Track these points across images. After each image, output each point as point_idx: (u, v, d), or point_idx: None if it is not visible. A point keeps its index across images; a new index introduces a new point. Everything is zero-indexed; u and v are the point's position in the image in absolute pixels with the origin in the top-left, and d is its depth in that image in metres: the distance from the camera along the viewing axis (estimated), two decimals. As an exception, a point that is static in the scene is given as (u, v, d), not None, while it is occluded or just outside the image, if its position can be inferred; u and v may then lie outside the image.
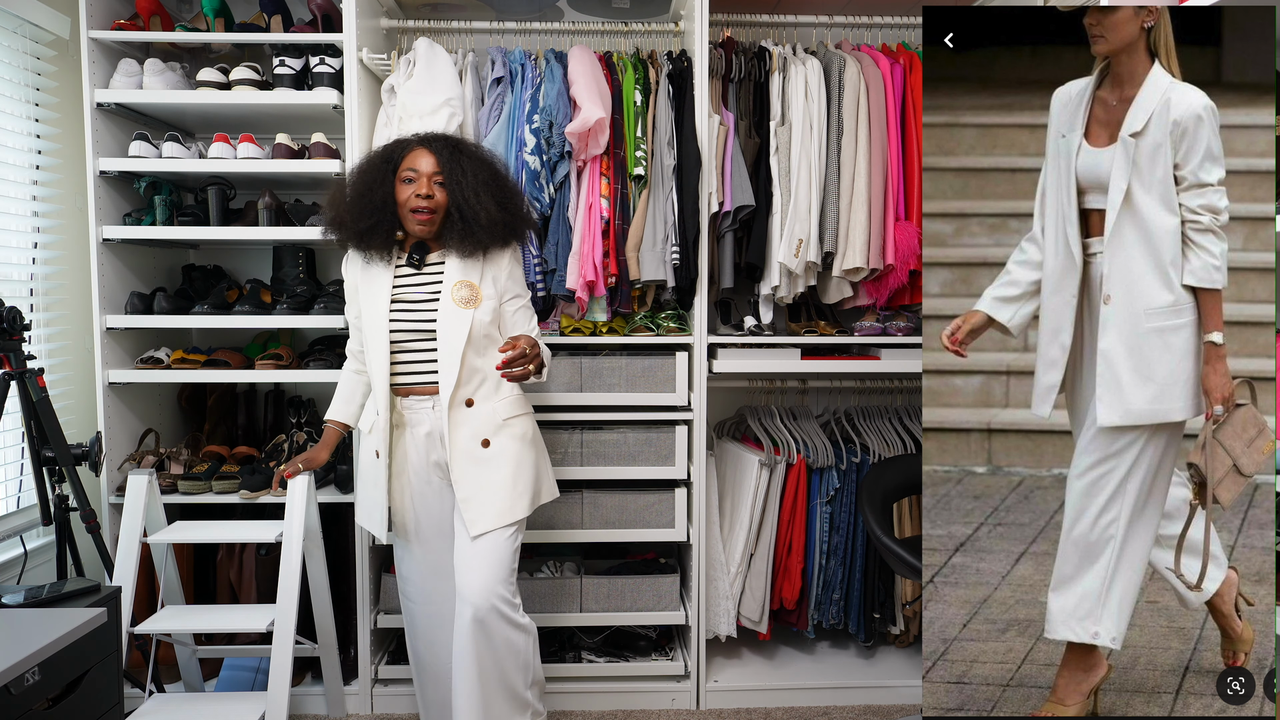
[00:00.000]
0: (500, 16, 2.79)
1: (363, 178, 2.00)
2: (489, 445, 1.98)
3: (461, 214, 1.95)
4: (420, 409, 2.00)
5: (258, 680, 2.52)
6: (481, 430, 1.98)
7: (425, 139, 2.02)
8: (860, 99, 2.54)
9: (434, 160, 1.97)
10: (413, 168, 1.96)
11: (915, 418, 2.82)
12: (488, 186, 1.97)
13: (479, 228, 1.95)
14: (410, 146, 2.01)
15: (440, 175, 1.97)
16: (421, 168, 1.96)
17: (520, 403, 2.06)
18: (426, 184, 1.95)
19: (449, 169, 1.96)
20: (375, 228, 1.96)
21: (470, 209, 1.94)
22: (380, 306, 1.98)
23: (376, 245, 1.98)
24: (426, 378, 1.98)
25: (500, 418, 2.00)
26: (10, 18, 2.41)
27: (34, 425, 2.17)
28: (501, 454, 1.99)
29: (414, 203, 1.95)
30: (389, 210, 1.97)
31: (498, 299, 2.01)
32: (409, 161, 1.98)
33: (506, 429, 2.01)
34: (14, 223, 2.47)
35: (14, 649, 1.40)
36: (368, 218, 1.96)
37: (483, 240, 1.97)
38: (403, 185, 1.97)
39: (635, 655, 2.65)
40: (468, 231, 1.95)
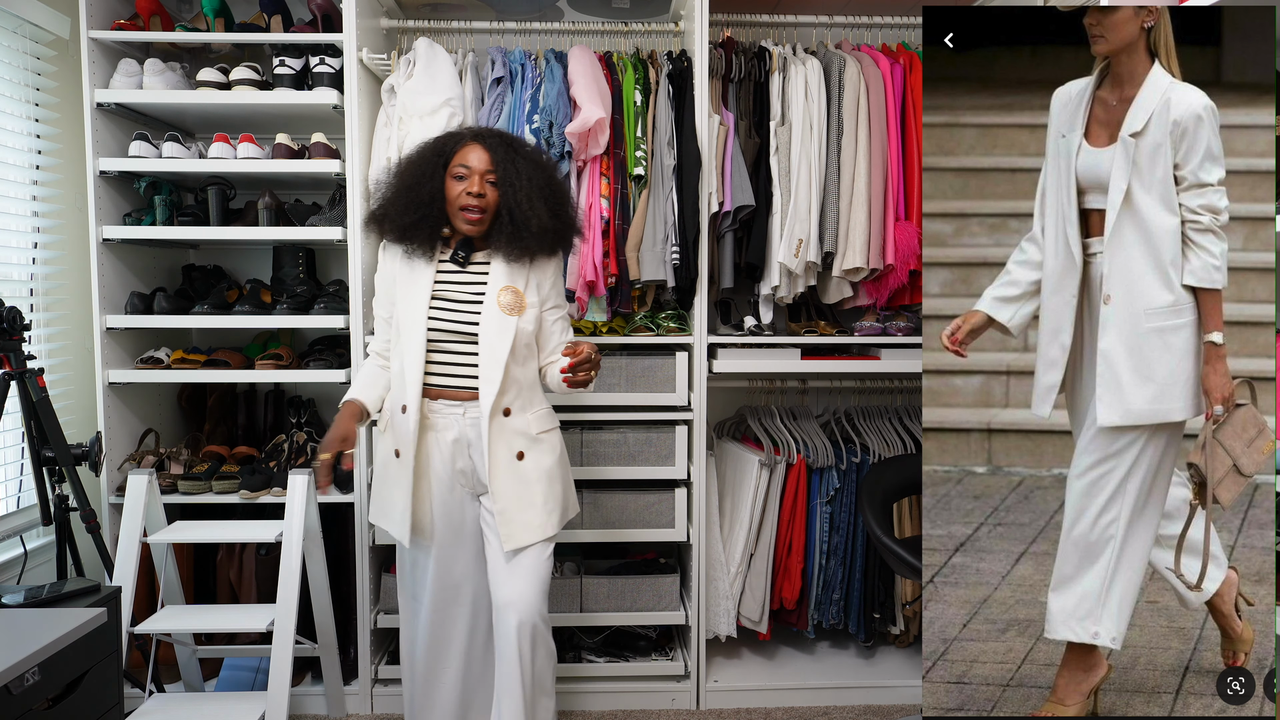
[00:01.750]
0: (500, 16, 2.79)
1: (411, 170, 1.92)
2: (523, 458, 1.92)
3: (512, 217, 1.87)
4: (450, 414, 1.91)
5: (258, 680, 2.52)
6: (516, 443, 1.91)
7: (480, 134, 1.94)
8: (860, 99, 2.54)
9: (488, 157, 1.89)
10: (465, 163, 1.88)
11: (915, 418, 2.82)
12: (541, 191, 1.89)
13: (529, 234, 1.87)
14: (463, 141, 1.92)
15: (493, 174, 1.88)
16: (474, 164, 1.88)
17: (551, 416, 2.01)
18: (479, 182, 1.87)
19: (503, 168, 1.88)
20: (420, 223, 1.88)
21: (522, 214, 1.86)
22: (420, 303, 1.89)
23: (420, 241, 1.90)
24: (462, 382, 1.90)
25: (534, 431, 1.94)
26: (10, 18, 2.41)
27: (34, 425, 2.18)
28: (536, 468, 1.93)
29: (464, 200, 1.87)
30: (437, 205, 1.88)
31: (539, 307, 1.95)
32: (461, 156, 1.89)
33: (540, 443, 1.94)
34: (14, 223, 2.47)
35: (14, 649, 1.40)
36: (413, 212, 1.88)
37: (530, 247, 1.89)
38: (453, 181, 1.88)
39: (635, 655, 2.65)
40: (516, 236, 1.88)
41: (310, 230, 2.52)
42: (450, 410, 1.91)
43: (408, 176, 1.92)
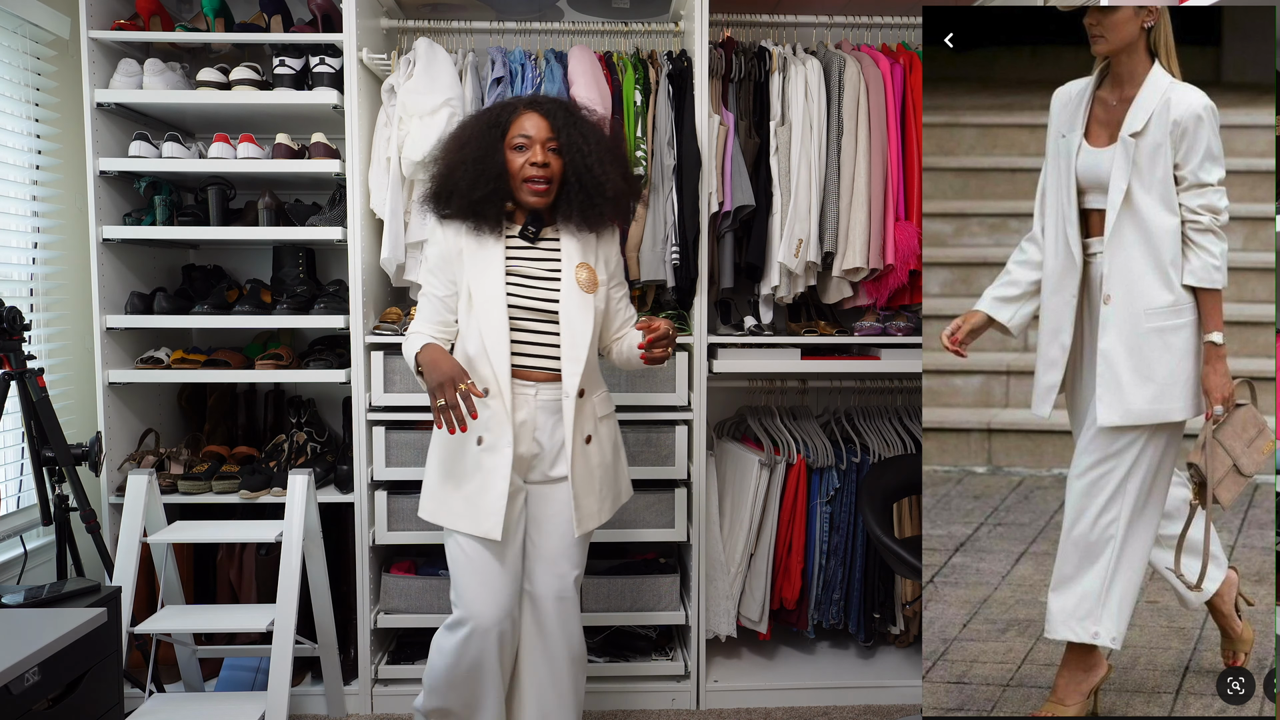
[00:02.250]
0: (500, 16, 2.79)
1: (471, 145, 1.83)
2: (590, 442, 1.88)
3: (582, 184, 1.81)
4: (524, 394, 1.83)
5: (258, 680, 2.52)
6: (586, 425, 1.87)
7: (534, 101, 1.87)
8: (860, 99, 2.54)
9: (546, 124, 1.81)
10: (524, 133, 1.81)
11: (915, 418, 2.82)
12: (610, 153, 1.83)
13: (603, 199, 1.81)
14: (517, 110, 1.84)
15: (554, 140, 1.81)
16: (534, 133, 1.81)
17: (610, 400, 1.98)
18: (541, 151, 1.80)
19: (566, 134, 1.81)
20: (492, 196, 1.81)
21: (594, 179, 1.80)
22: (495, 279, 1.81)
23: (490, 216, 1.83)
24: (539, 362, 1.83)
25: (599, 414, 1.90)
26: (10, 18, 2.41)
27: (34, 425, 2.18)
28: (599, 452, 1.90)
29: (528, 171, 1.79)
30: (504, 180, 1.81)
31: (607, 284, 1.90)
32: (518, 126, 1.82)
33: (604, 425, 1.92)
34: (14, 223, 2.47)
35: (14, 649, 1.40)
36: (484, 186, 1.80)
37: (607, 213, 1.83)
38: (513, 153, 1.81)
39: (635, 655, 2.65)
40: (589, 203, 1.81)
41: (310, 230, 2.52)
42: (524, 390, 1.84)
43: (471, 149, 1.83)
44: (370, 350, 2.51)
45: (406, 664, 2.59)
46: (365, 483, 2.51)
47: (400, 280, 2.61)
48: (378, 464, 2.51)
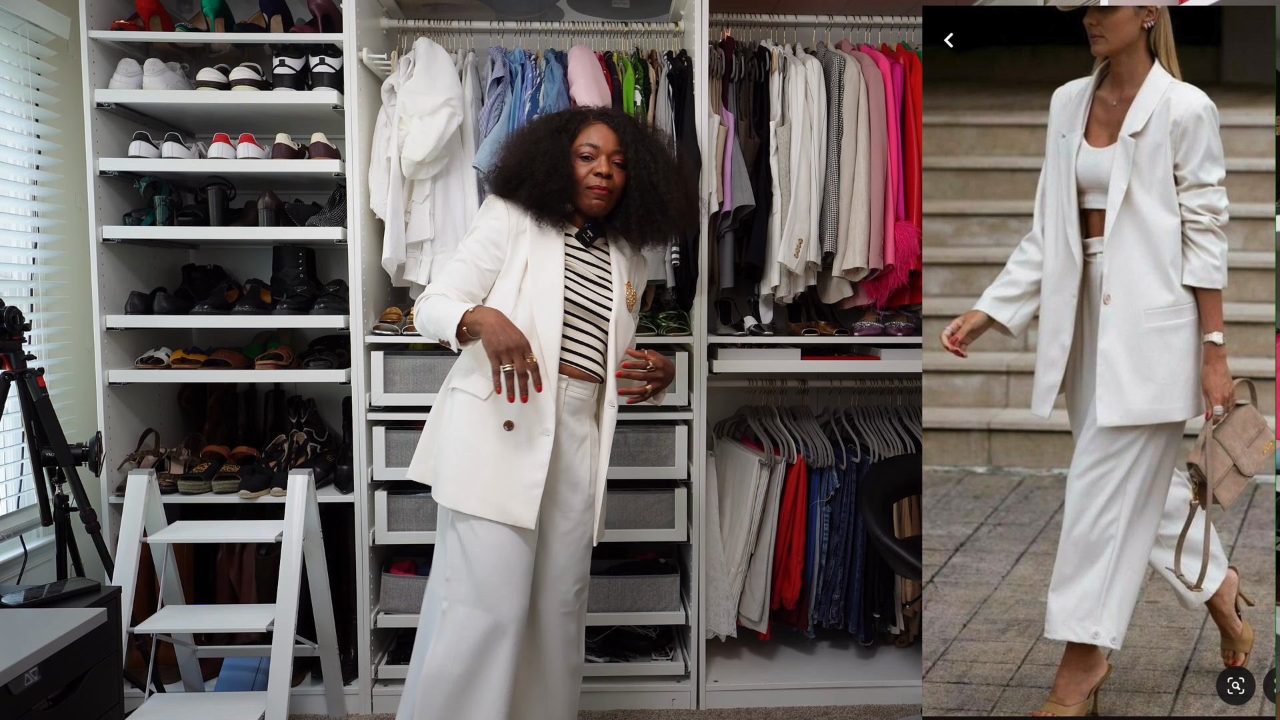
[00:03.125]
0: (500, 16, 2.79)
1: (545, 142, 1.86)
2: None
3: (645, 199, 1.85)
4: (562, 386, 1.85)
5: (258, 680, 2.52)
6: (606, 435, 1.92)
7: (604, 113, 1.91)
8: (860, 99, 2.54)
9: (614, 137, 1.86)
10: (591, 142, 1.85)
11: (915, 418, 2.82)
12: (676, 174, 1.88)
13: (665, 217, 1.86)
14: (586, 119, 1.88)
15: (620, 154, 1.86)
16: (601, 144, 1.85)
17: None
18: (606, 162, 1.84)
19: (633, 149, 1.85)
20: (562, 194, 1.84)
21: (658, 196, 1.84)
22: (555, 271, 1.83)
23: (556, 213, 1.86)
24: (577, 359, 1.85)
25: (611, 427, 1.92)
26: (10, 18, 2.41)
27: (34, 425, 2.18)
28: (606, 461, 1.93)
29: (591, 180, 1.83)
30: (572, 181, 1.84)
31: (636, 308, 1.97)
32: (586, 135, 1.86)
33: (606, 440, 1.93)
34: (14, 223, 2.47)
35: (14, 649, 1.40)
36: (557, 180, 1.83)
37: (666, 230, 1.88)
38: (579, 161, 1.84)
39: (635, 655, 2.65)
40: (648, 218, 1.85)
41: (310, 230, 2.52)
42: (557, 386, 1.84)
43: (545, 145, 1.86)
44: (370, 350, 2.51)
45: (406, 664, 2.58)
46: (365, 483, 2.51)
47: (400, 280, 2.61)
48: (378, 464, 2.51)
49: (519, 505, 1.77)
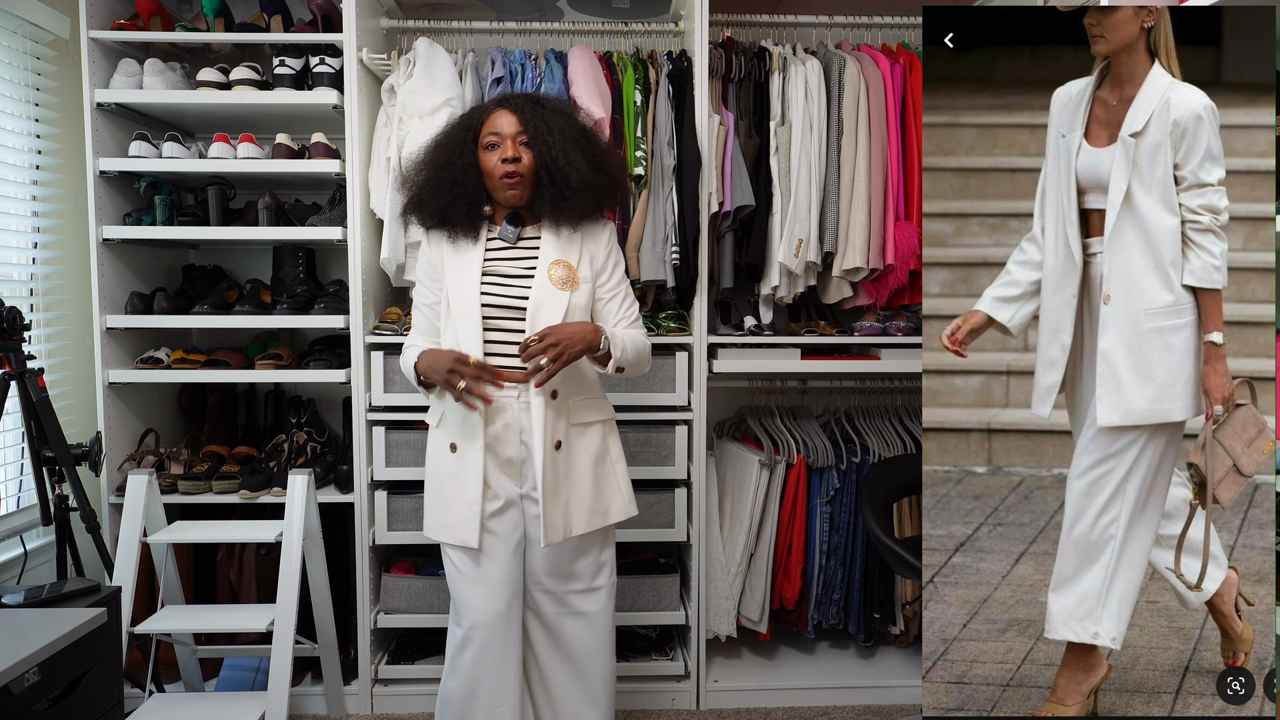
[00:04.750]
0: (500, 16, 2.79)
1: (440, 150, 1.85)
2: (560, 448, 1.81)
3: (551, 176, 1.78)
4: (502, 397, 1.79)
5: (258, 680, 2.52)
6: (558, 430, 1.81)
7: (504, 99, 1.85)
8: (860, 99, 2.54)
9: (515, 119, 1.79)
10: (494, 131, 1.79)
11: (915, 418, 2.82)
12: (576, 143, 1.80)
13: (570, 191, 1.77)
14: (489, 110, 1.84)
15: (525, 134, 1.79)
16: (504, 129, 1.79)
17: (602, 406, 1.92)
18: (511, 146, 1.78)
19: (533, 126, 1.78)
20: (457, 202, 1.80)
21: (559, 169, 1.77)
22: (471, 280, 1.80)
23: (461, 221, 1.82)
24: (516, 362, 1.77)
25: (579, 420, 1.84)
26: (10, 18, 2.41)
27: (34, 425, 2.17)
28: (566, 460, 1.82)
29: (501, 169, 1.77)
30: (471, 181, 1.80)
31: (593, 281, 1.86)
32: (489, 125, 1.81)
33: (580, 433, 1.85)
34: (14, 223, 2.47)
35: (14, 649, 1.40)
36: (447, 191, 1.80)
37: (576, 205, 1.79)
38: (486, 152, 1.80)
39: (635, 655, 2.65)
40: (559, 196, 1.78)
41: (310, 230, 2.52)
42: (503, 394, 1.79)
43: (437, 157, 1.84)
44: (370, 350, 2.51)
45: (406, 664, 2.59)
46: (365, 483, 2.51)
47: (400, 280, 2.61)
48: (378, 464, 2.51)
49: (463, 526, 1.81)
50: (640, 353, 1.87)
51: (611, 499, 1.91)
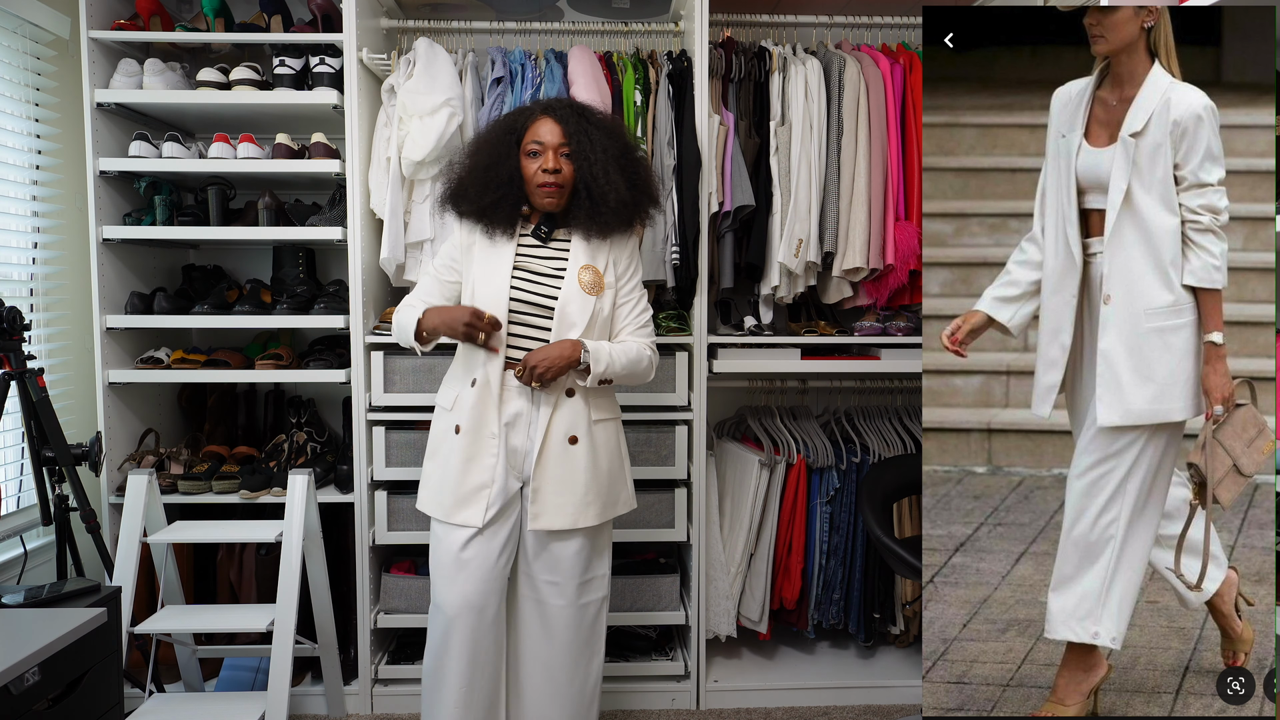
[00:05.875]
0: (500, 16, 2.79)
1: (485, 151, 1.90)
2: (576, 443, 1.87)
3: (589, 192, 1.85)
4: (514, 386, 1.87)
5: (258, 680, 2.52)
6: (575, 425, 1.87)
7: (549, 106, 1.91)
8: (860, 99, 2.54)
9: (560, 130, 1.86)
10: (538, 139, 1.86)
11: (915, 418, 2.82)
12: (617, 162, 1.87)
13: (606, 210, 1.85)
14: (534, 115, 1.89)
15: (567, 147, 1.86)
16: (547, 139, 1.85)
17: (612, 404, 1.98)
18: (553, 158, 1.85)
19: (576, 140, 1.85)
20: (500, 203, 1.87)
21: (599, 188, 1.84)
22: (502, 274, 1.86)
23: (500, 220, 1.88)
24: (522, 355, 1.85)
25: (596, 417, 1.90)
26: (10, 18, 2.41)
27: (34, 425, 2.17)
28: (587, 454, 1.88)
29: (541, 178, 1.84)
30: (515, 185, 1.87)
31: (615, 286, 1.92)
32: (533, 132, 1.87)
33: (600, 429, 1.91)
34: (14, 223, 2.47)
35: (14, 649, 1.40)
36: (493, 192, 1.86)
37: (609, 223, 1.87)
38: (528, 159, 1.86)
39: (635, 655, 2.65)
40: (594, 212, 1.86)
41: (310, 230, 2.52)
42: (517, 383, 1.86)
43: (483, 156, 1.90)
44: (370, 350, 2.51)
45: (406, 664, 2.59)
46: (365, 483, 2.51)
47: (400, 280, 2.61)
48: (378, 464, 2.51)
49: (466, 507, 1.86)
50: (633, 363, 1.90)
51: (620, 492, 1.99)
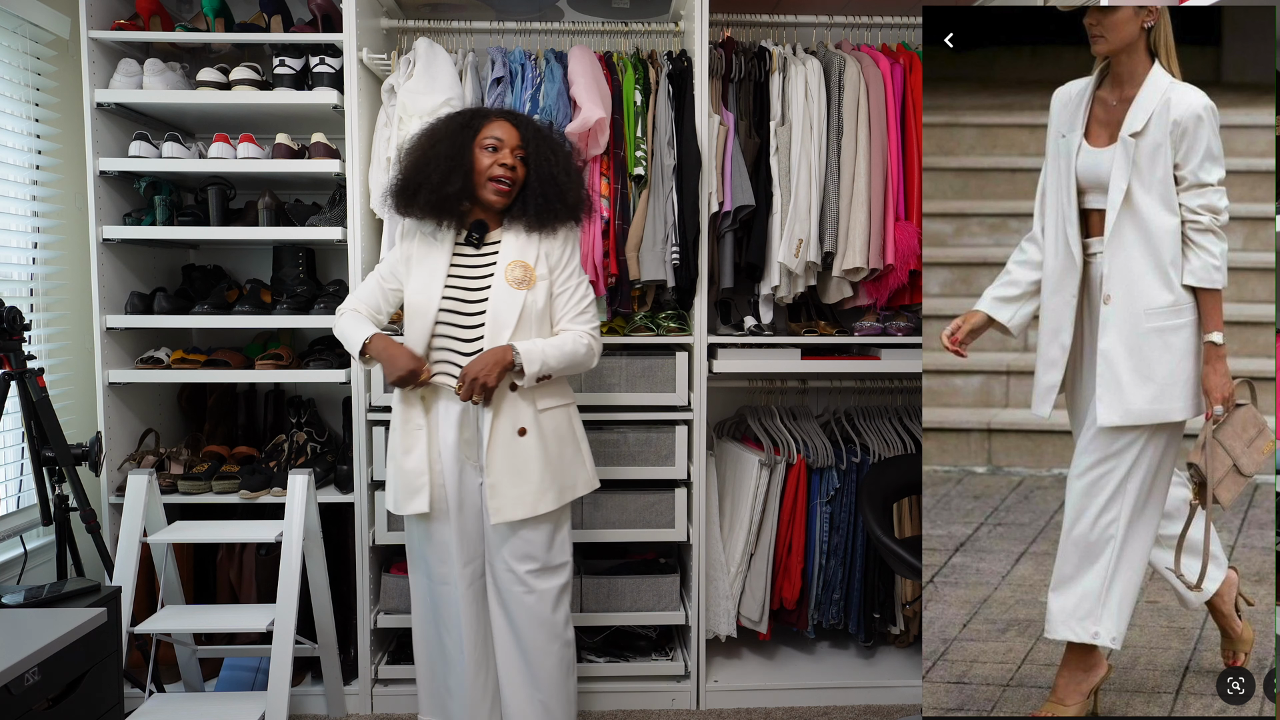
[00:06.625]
0: (500, 16, 2.79)
1: (442, 144, 1.95)
2: (525, 434, 1.95)
3: (545, 191, 1.95)
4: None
5: (258, 680, 2.52)
6: (521, 417, 1.95)
7: (505, 112, 2.02)
8: (860, 99, 2.54)
9: (516, 134, 1.96)
10: (496, 136, 1.94)
11: (915, 418, 2.82)
12: (573, 167, 2.00)
13: (563, 206, 1.96)
14: (490, 116, 1.99)
15: (522, 149, 1.96)
16: (504, 138, 1.95)
17: (563, 390, 2.05)
18: (510, 155, 1.94)
19: (533, 144, 1.96)
20: (459, 194, 1.93)
21: (558, 187, 1.95)
22: (436, 280, 1.95)
23: (452, 212, 1.95)
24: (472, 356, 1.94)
25: (541, 406, 1.98)
26: (10, 18, 2.41)
27: (34, 425, 2.17)
28: (535, 444, 1.96)
29: (495, 171, 1.93)
30: (462, 173, 1.93)
31: (549, 278, 1.99)
32: (490, 130, 1.95)
33: (547, 417, 1.99)
34: (14, 223, 2.47)
35: (14, 649, 1.40)
36: (455, 181, 1.92)
37: (564, 217, 1.98)
38: (483, 153, 1.94)
39: (635, 655, 2.65)
40: (547, 207, 1.95)
41: (310, 230, 2.52)
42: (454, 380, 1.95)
43: (440, 149, 1.95)
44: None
45: (407, 664, 2.59)
46: (365, 483, 2.51)
47: (400, 280, 2.60)
48: (378, 464, 2.51)
49: (413, 496, 1.99)
50: (569, 355, 1.96)
51: (578, 474, 2.06)
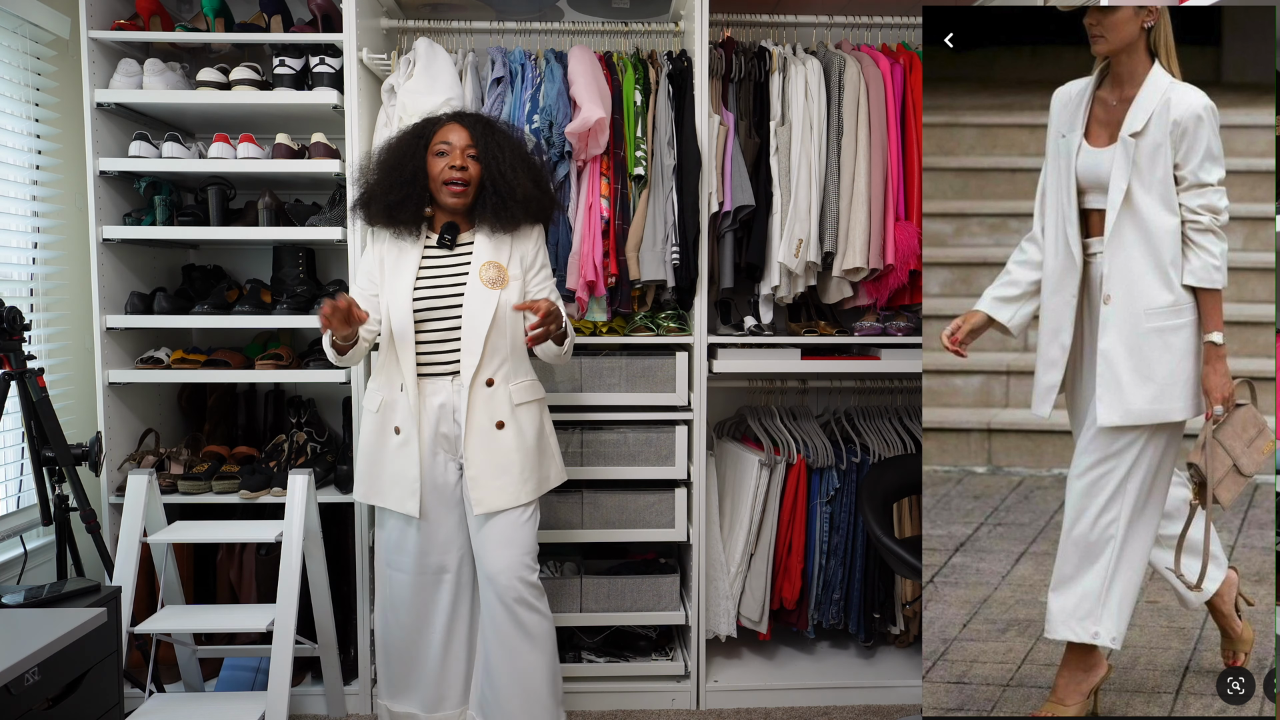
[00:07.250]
0: (500, 16, 2.79)
1: (392, 153, 2.03)
2: (503, 428, 2.01)
3: (496, 188, 1.99)
4: (439, 382, 2.02)
5: (258, 680, 2.52)
6: (498, 412, 2.01)
7: (456, 115, 2.07)
8: (860, 99, 2.54)
9: (466, 134, 2.01)
10: (445, 140, 2.00)
11: (915, 418, 2.82)
12: (522, 163, 2.02)
13: (514, 202, 1.99)
14: (441, 122, 2.05)
15: (474, 149, 2.00)
16: (454, 141, 2.00)
17: (535, 388, 2.11)
18: (460, 156, 1.99)
19: (483, 143, 2.00)
20: (405, 201, 1.99)
21: (506, 183, 1.98)
22: (406, 282, 2.00)
23: (406, 219, 2.01)
24: (448, 355, 2.01)
25: (516, 401, 2.04)
26: (10, 18, 2.41)
27: (34, 425, 2.17)
28: (514, 437, 2.02)
29: (447, 174, 1.98)
30: (419, 183, 2.00)
31: (523, 278, 2.05)
32: (441, 135, 2.01)
33: (520, 413, 2.04)
34: (14, 223, 2.47)
35: (14, 649, 1.40)
36: (398, 190, 1.99)
37: (517, 215, 2.01)
38: (435, 158, 2.00)
39: (635, 655, 2.65)
40: (501, 205, 1.99)
41: (310, 230, 2.52)
42: (441, 380, 2.02)
43: (389, 159, 2.03)
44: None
45: (406, 664, 2.59)
46: (365, 483, 2.50)
47: (400, 280, 2.60)
48: (378, 464, 2.51)
49: (406, 498, 2.04)
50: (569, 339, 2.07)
51: (550, 468, 2.14)
